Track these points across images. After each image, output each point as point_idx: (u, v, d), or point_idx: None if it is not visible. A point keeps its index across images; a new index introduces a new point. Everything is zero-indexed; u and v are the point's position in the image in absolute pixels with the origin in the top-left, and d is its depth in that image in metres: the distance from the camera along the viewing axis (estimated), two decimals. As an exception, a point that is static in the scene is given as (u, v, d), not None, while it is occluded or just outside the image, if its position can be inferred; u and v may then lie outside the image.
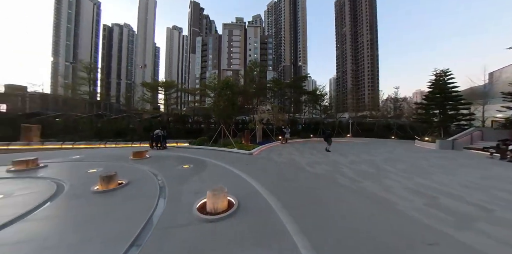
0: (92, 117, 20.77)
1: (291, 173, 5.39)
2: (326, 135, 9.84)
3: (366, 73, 75.56)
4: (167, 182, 4.29)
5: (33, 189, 4.00)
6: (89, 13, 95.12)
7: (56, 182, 4.36)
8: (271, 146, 12.18)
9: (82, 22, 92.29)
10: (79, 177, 4.87)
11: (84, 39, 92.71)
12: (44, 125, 17.31)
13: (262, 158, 7.79)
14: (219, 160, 6.89)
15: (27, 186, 4.23)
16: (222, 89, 10.67)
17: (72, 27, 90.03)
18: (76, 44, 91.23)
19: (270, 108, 15.42)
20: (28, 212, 2.81)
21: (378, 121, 22.15)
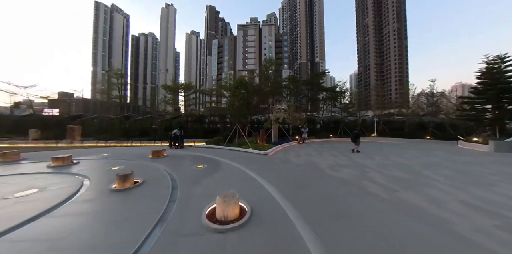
0: (121, 118, 22.75)
1: (310, 177, 4.87)
2: (354, 135, 8.93)
3: (393, 66, 68.54)
4: (179, 182, 4.21)
5: (63, 184, 4.29)
6: (120, 26, 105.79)
7: (82, 179, 4.66)
8: (287, 146, 11.64)
9: (114, 35, 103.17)
10: (102, 174, 5.14)
11: (116, 49, 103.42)
12: (84, 126, 19.56)
13: (278, 159, 7.37)
14: (233, 160, 6.70)
15: (59, 181, 4.59)
16: (237, 88, 10.52)
17: (107, 39, 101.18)
18: (110, 54, 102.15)
19: (286, 107, 14.83)
20: (49, 209, 2.92)
21: (408, 120, 19.70)
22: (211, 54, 72.24)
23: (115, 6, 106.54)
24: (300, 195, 3.49)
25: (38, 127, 18.89)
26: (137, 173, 5.23)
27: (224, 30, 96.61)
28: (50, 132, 18.51)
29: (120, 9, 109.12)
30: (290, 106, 14.39)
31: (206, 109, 35.77)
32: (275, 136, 13.75)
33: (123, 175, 3.92)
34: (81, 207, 3.09)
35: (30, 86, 23.80)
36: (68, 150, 10.68)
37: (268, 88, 17.23)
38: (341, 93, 19.11)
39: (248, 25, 64.33)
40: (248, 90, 11.16)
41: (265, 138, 11.91)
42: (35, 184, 4.33)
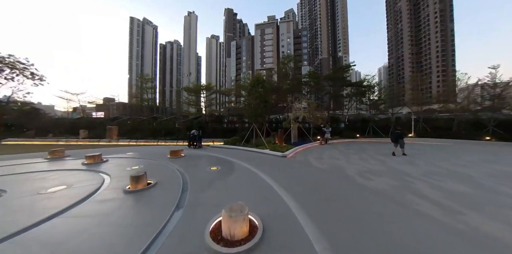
0: (149, 119, 24.83)
1: (336, 186, 4.15)
2: (396, 135, 7.65)
3: (434, 55, 59.10)
4: (190, 186, 4.04)
5: (88, 182, 4.56)
6: (150, 37, 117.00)
7: (105, 177, 4.92)
8: (308, 147, 10.79)
9: (145, 45, 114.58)
10: (123, 173, 5.35)
11: (147, 58, 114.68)
12: (120, 127, 21.94)
13: (298, 162, 6.73)
14: (248, 162, 6.34)
15: (85, 178, 4.91)
16: (253, 86, 10.16)
17: (140, 49, 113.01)
18: (142, 62, 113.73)
19: (306, 106, 13.88)
20: (64, 210, 3.01)
21: (458, 117, 16.43)
22: (230, 56, 73.91)
23: (146, 19, 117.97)
24: (325, 211, 2.88)
25: (86, 128, 21.92)
26: (153, 173, 5.29)
27: (242, 31, 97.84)
28: (94, 132, 21.34)
29: (150, 21, 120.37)
30: (311, 104, 13.40)
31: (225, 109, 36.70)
32: (295, 136, 12.97)
33: (136, 176, 3.93)
34: (92, 208, 3.11)
35: (80, 93, 27.87)
36: (104, 148, 11.90)
37: (287, 86, 16.44)
38: (370, 88, 17.04)
39: (265, 23, 63.68)
40: (265, 88, 10.69)
41: (283, 138, 11.29)
42: (67, 181, 4.70)
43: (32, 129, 22.99)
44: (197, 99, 24.38)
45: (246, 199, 3.24)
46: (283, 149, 8.69)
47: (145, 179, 4.10)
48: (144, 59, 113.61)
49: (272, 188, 3.84)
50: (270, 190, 3.75)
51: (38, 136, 21.57)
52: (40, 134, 22.16)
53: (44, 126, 23.30)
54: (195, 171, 5.40)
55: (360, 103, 20.47)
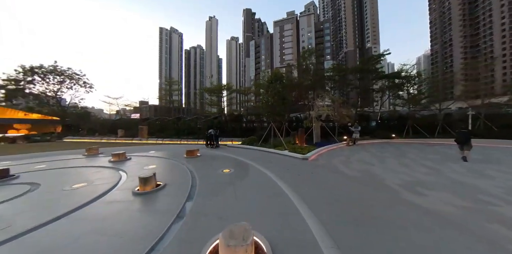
0: (174, 120, 26.49)
1: (372, 200, 3.20)
2: (464, 136, 6.15)
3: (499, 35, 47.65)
4: (198, 191, 3.71)
5: (106, 180, 4.69)
6: (176, 44, 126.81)
7: (122, 176, 5.04)
8: (333, 148, 9.63)
9: (172, 51, 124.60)
10: (140, 172, 5.40)
11: (174, 63, 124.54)
12: (149, 127, 24.02)
13: (321, 166, 5.85)
14: (264, 165, 5.77)
15: (106, 176, 5.10)
16: (271, 83, 9.51)
17: (168, 56, 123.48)
18: (170, 68, 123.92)
19: (330, 102, 12.53)
20: (74, 210, 2.97)
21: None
22: (249, 56, 74.31)
23: (172, 28, 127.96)
24: (359, 239, 2.11)
25: (123, 128, 24.69)
26: (166, 173, 5.22)
27: (260, 30, 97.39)
28: (130, 131, 23.85)
29: (175, 30, 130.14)
30: (336, 100, 12.03)
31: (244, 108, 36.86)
32: (317, 135, 11.83)
33: (144, 178, 3.79)
34: (96, 211, 3.01)
35: (119, 97, 31.67)
36: (133, 146, 12.90)
37: (308, 82, 15.22)
38: (409, 80, 14.44)
39: (283, 20, 61.77)
40: (284, 84, 9.93)
41: (304, 138, 10.33)
42: (90, 177, 4.97)
43: (84, 128, 27.03)
44: (217, 99, 24.94)
45: (255, 213, 2.69)
46: (304, 150, 7.83)
47: (153, 181, 3.94)
48: (171, 64, 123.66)
49: (289, 199, 3.18)
50: (286, 202, 3.10)
51: (88, 135, 25.17)
52: (90, 133, 25.87)
53: (93, 126, 27.16)
54: (207, 173, 5.10)
55: (396, 98, 17.70)
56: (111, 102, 31.56)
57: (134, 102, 35.30)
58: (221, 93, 23.09)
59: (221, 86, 22.76)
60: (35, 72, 26.77)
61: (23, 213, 3.02)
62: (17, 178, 5.22)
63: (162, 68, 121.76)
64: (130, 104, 35.42)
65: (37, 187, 4.42)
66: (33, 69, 26.56)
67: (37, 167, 6.48)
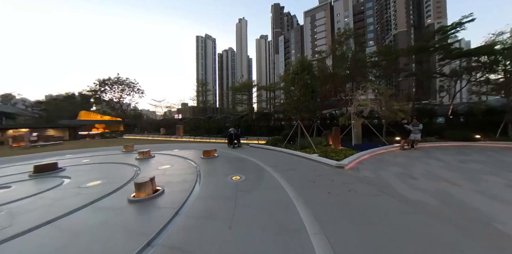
0: (206, 119, 28.04)
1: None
2: None
3: None
4: (192, 205, 3.02)
5: (118, 179, 4.70)
6: (210, 49, 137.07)
7: (133, 176, 5.00)
8: (379, 152, 7.45)
9: (207, 56, 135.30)
10: (152, 172, 5.31)
11: (208, 67, 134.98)
12: (185, 125, 26.28)
13: (363, 180, 4.22)
14: (283, 173, 4.64)
15: (121, 175, 5.15)
16: (296, 74, 8.12)
17: (203, 61, 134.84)
18: (205, 71, 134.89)
19: (374, 95, 9.99)
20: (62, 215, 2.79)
21: None
22: (278, 52, 72.07)
23: (207, 35, 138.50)
24: None
25: (165, 127, 27.98)
26: (173, 176, 4.84)
27: (290, 24, 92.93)
28: (171, 130, 26.80)
29: (209, 36, 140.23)
30: (384, 91, 9.48)
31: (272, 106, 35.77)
32: (357, 136, 9.63)
33: (139, 184, 3.38)
34: (83, 219, 2.74)
35: (161, 100, 36.28)
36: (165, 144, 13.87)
37: (345, 72, 12.80)
38: (506, 57, 9.89)
39: (315, 8, 56.51)
40: (313, 74, 8.33)
41: (340, 138, 8.46)
42: (108, 175, 5.18)
43: (138, 127, 32.26)
44: (245, 97, 24.80)
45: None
46: (338, 155, 6.19)
47: (150, 187, 3.51)
48: (206, 69, 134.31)
49: (308, 246, 2.01)
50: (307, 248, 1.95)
51: (140, 133, 29.71)
52: (141, 131, 30.57)
53: (144, 125, 32.03)
54: (214, 179, 4.40)
55: (478, 85, 12.84)
56: (156, 105, 36.43)
57: (174, 104, 39.58)
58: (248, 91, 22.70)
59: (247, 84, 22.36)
60: (106, 83, 33.79)
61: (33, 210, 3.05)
62: (63, 171, 5.92)
63: (199, 72, 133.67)
64: (171, 106, 39.97)
65: (65, 182, 4.78)
66: (104, 81, 33.55)
67: (84, 160, 7.41)
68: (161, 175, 4.93)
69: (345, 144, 8.78)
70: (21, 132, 23.35)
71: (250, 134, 18.11)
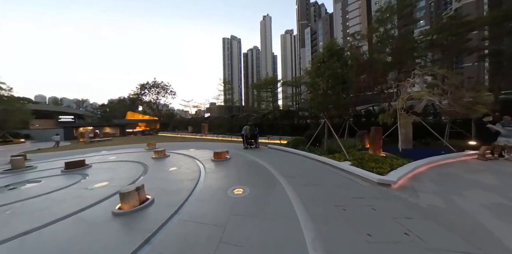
0: (229, 117, 28.33)
1: None
2: None
3: None
4: (171, 228, 2.30)
5: (123, 181, 4.55)
6: (236, 50, 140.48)
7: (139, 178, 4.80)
8: (443, 163, 5.38)
9: (233, 56, 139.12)
10: (157, 175, 5.01)
11: (234, 66, 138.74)
12: (210, 124, 27.22)
13: (429, 211, 2.68)
14: (301, 190, 3.50)
15: (127, 176, 5.01)
16: (323, 62, 6.64)
17: (230, 62, 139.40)
18: (232, 71, 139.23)
19: (433, 84, 7.46)
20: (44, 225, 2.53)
21: None
22: (304, 46, 67.69)
23: (232, 36, 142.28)
24: None
25: (193, 125, 29.69)
26: (172, 182, 4.35)
27: (317, 14, 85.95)
28: (197, 128, 28.25)
29: (235, 37, 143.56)
30: (451, 77, 6.99)
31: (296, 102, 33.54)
32: (406, 138, 7.45)
33: (123, 194, 2.89)
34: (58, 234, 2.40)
35: (190, 100, 38.95)
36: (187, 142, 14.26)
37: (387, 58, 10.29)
38: None
39: (349, -9, 50.02)
40: (345, 61, 6.68)
41: (381, 141, 6.59)
42: (118, 175, 5.13)
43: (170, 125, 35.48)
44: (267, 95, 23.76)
45: None
46: (381, 165, 4.58)
47: (135, 197, 3.00)
48: (232, 69, 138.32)
49: None
50: None
51: (172, 130, 32.45)
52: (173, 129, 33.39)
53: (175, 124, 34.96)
54: (211, 191, 3.63)
55: None
56: (186, 105, 39.34)
57: (200, 104, 41.79)
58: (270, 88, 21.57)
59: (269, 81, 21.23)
60: (145, 87, 38.34)
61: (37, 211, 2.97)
62: (88, 168, 6.27)
63: (226, 72, 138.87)
64: (198, 106, 42.38)
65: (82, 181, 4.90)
66: (143, 85, 38.09)
67: (111, 158, 7.88)
68: (161, 179, 4.54)
69: (388, 148, 6.84)
70: (88, 129, 28.56)
71: (272, 133, 17.08)
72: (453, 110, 7.45)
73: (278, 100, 23.94)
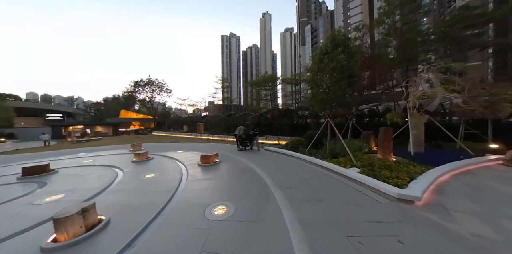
0: (225, 116, 27.38)
1: None
2: None
3: None
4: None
5: (85, 193, 3.69)
6: (235, 47, 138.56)
7: (105, 190, 3.94)
8: (465, 169, 4.63)
9: (232, 55, 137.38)
10: (130, 185, 4.16)
11: (233, 65, 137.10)
12: (206, 123, 26.18)
13: (474, 240, 1.94)
14: (302, 208, 2.73)
15: (96, 185, 4.20)
16: (326, 53, 5.82)
17: (228, 60, 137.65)
18: (230, 70, 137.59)
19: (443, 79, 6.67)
20: None
21: None
22: (304, 44, 66.63)
23: (231, 33, 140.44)
24: None
25: (189, 124, 28.62)
26: (141, 195, 3.52)
27: (318, 11, 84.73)
28: (193, 127, 27.19)
29: (234, 34, 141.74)
30: (469, 71, 6.24)
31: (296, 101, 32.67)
32: (418, 141, 6.69)
33: (60, 220, 2.08)
34: None
35: (186, 99, 37.44)
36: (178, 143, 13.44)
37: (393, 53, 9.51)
38: None
39: (351, -13, 48.92)
40: (351, 53, 5.86)
41: (391, 144, 5.82)
42: (82, 185, 4.31)
43: (165, 124, 34.26)
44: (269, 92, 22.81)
45: None
46: (399, 174, 3.80)
47: (78, 224, 2.19)
48: (231, 67, 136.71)
49: None
50: None
51: (167, 130, 31.35)
52: (168, 128, 32.27)
53: (171, 123, 33.85)
54: (185, 211, 2.81)
55: None
56: (181, 103, 37.92)
57: (196, 102, 40.37)
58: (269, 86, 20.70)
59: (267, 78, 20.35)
60: (139, 84, 36.68)
61: None
62: (54, 174, 5.41)
63: (224, 71, 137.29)
64: (194, 104, 41.22)
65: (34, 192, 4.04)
66: (137, 82, 36.44)
67: (86, 161, 7.03)
68: (131, 190, 3.74)
69: (397, 151, 6.08)
70: (78, 128, 27.36)
71: (271, 133, 16.24)
72: (468, 109, 6.74)
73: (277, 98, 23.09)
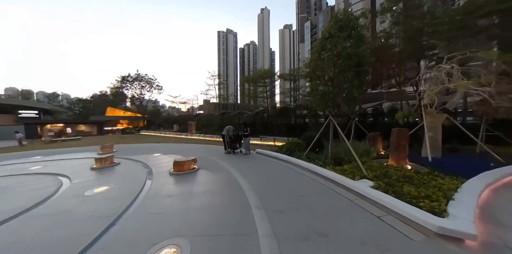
0: (219, 115, 26.10)
1: None
2: None
3: None
4: None
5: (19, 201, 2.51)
6: (232, 44, 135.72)
7: None
8: (506, 182, 3.59)
9: (229, 52, 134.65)
10: (58, 208, 3.00)
11: (230, 62, 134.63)
12: (198, 122, 24.78)
13: None
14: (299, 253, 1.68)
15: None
16: (329, 37, 4.69)
17: (225, 57, 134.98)
18: (227, 67, 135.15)
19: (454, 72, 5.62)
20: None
21: None
22: (303, 41, 65.13)
23: (228, 29, 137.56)
24: None
25: (181, 123, 27.09)
26: (66, 223, 2.37)
27: (318, 7, 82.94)
28: (184, 126, 25.72)
29: (231, 30, 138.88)
30: (501, 62, 5.19)
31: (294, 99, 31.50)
32: (435, 144, 5.70)
33: None
34: None
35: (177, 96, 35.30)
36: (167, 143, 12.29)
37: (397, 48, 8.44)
38: None
39: (352, -18, 47.42)
40: (360, 36, 4.73)
41: (406, 148, 4.76)
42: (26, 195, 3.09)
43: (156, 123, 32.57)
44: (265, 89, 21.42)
45: None
46: (428, 192, 2.76)
47: None
48: (228, 64, 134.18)
49: None
50: None
51: (156, 129, 29.77)
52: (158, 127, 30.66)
53: (161, 122, 32.24)
54: (117, 251, 1.75)
55: None
56: (173, 101, 35.92)
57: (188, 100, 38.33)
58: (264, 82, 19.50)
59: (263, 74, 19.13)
60: (127, 80, 34.41)
61: None
62: None
63: (221, 68, 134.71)
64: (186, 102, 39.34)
65: None
66: (125, 77, 34.18)
67: (32, 167, 5.82)
68: (59, 214, 2.68)
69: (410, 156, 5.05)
70: (57, 126, 25.46)
71: (266, 133, 15.14)
72: (490, 108, 5.76)
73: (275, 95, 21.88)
